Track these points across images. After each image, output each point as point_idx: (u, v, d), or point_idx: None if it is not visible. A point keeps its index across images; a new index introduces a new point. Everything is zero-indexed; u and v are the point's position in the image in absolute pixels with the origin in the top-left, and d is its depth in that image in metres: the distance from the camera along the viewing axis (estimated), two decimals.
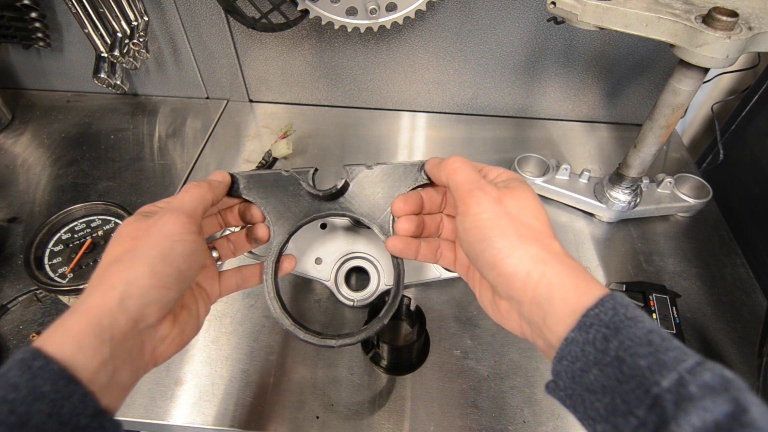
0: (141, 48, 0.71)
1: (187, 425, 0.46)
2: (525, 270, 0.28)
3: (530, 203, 0.31)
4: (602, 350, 0.25)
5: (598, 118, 0.84)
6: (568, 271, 0.28)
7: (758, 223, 0.69)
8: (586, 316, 0.26)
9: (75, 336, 0.26)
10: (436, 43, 0.74)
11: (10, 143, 0.77)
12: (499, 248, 0.29)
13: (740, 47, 0.43)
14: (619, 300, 0.26)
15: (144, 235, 0.30)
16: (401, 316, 0.54)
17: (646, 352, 0.24)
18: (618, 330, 0.25)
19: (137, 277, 0.28)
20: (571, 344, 0.26)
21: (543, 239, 0.30)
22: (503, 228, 0.30)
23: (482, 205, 0.30)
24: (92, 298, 0.28)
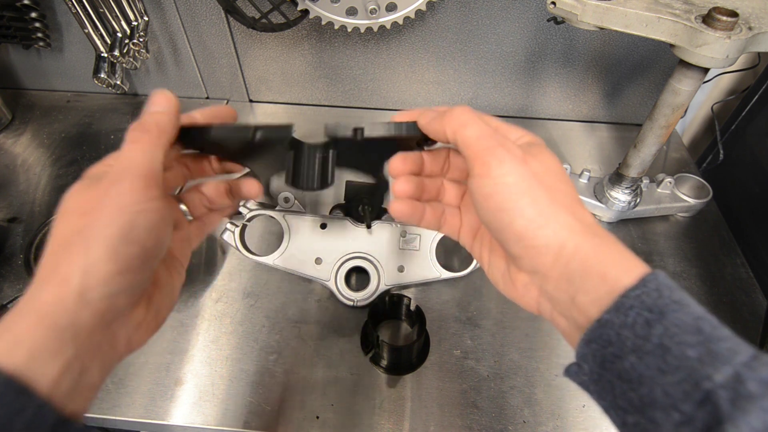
0: (141, 48, 0.71)
1: (187, 425, 0.46)
2: (559, 242, 0.25)
3: (558, 168, 0.27)
4: (643, 336, 0.22)
5: (598, 118, 0.84)
6: (605, 245, 0.25)
7: (758, 223, 0.69)
8: (625, 297, 0.23)
9: (27, 341, 0.22)
10: (436, 43, 0.74)
11: (10, 143, 0.77)
12: (530, 217, 0.25)
13: (740, 47, 0.43)
14: (663, 281, 0.23)
15: (96, 207, 0.25)
16: (401, 316, 0.54)
17: (696, 341, 0.21)
18: (663, 314, 0.22)
19: (95, 263, 0.23)
20: (604, 326, 0.23)
21: (576, 208, 0.26)
22: (534, 193, 0.25)
23: (505, 166, 0.26)
24: (44, 293, 0.23)
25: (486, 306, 0.56)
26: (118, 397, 0.48)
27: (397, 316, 0.54)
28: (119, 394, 0.48)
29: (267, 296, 0.57)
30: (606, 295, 0.23)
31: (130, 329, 0.26)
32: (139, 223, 0.25)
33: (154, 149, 0.28)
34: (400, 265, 0.54)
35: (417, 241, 0.54)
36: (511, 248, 0.27)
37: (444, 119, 0.28)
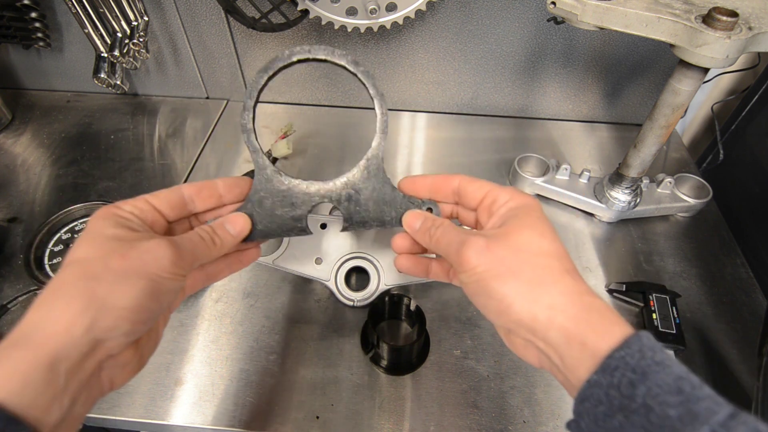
0: (141, 48, 0.71)
1: (187, 425, 0.46)
2: (531, 316, 0.27)
3: (532, 238, 0.29)
4: (628, 396, 0.24)
5: (598, 118, 0.84)
6: (582, 313, 0.26)
7: (758, 223, 0.69)
8: (610, 358, 0.25)
9: (24, 371, 0.22)
10: (436, 43, 0.74)
11: (10, 143, 0.77)
12: (500, 298, 0.28)
13: (740, 47, 0.43)
14: (646, 342, 0.25)
15: (134, 254, 0.27)
16: (401, 316, 0.54)
17: (676, 401, 0.23)
18: (645, 375, 0.24)
19: (118, 307, 0.25)
20: (593, 386, 0.25)
21: (548, 278, 0.28)
22: (501, 276, 0.28)
23: (473, 260, 0.29)
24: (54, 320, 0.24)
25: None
26: (118, 397, 0.48)
27: (397, 316, 0.54)
28: (119, 394, 0.48)
29: (267, 296, 0.57)
30: (590, 358, 0.25)
31: (117, 369, 0.28)
32: (167, 287, 0.28)
33: (202, 255, 0.31)
34: None
35: None
36: (497, 323, 0.30)
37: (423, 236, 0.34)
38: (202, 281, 0.35)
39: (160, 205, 0.32)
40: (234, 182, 0.35)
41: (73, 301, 0.25)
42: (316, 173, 0.74)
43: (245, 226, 0.35)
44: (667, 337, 0.51)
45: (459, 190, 0.35)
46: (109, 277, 0.26)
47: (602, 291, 0.59)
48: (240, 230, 0.34)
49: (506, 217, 0.31)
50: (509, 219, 0.31)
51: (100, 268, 0.26)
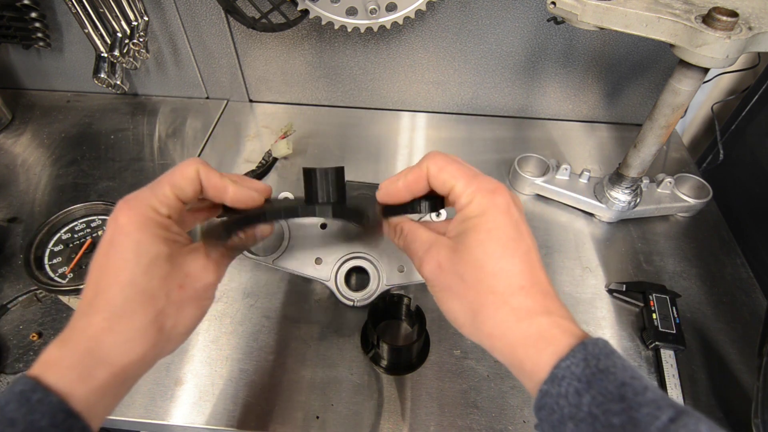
0: (141, 48, 0.71)
1: (187, 425, 0.46)
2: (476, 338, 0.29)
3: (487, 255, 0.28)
4: (575, 404, 0.24)
5: (598, 118, 0.84)
6: (520, 339, 0.27)
7: (758, 223, 0.69)
8: (557, 368, 0.25)
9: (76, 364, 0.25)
10: (436, 43, 0.74)
11: (10, 143, 0.77)
12: (452, 318, 0.30)
13: (740, 47, 0.43)
14: (591, 350, 0.25)
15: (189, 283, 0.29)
16: (401, 316, 0.54)
17: (619, 409, 0.23)
18: (590, 384, 0.24)
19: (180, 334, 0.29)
20: (545, 396, 0.26)
21: (491, 304, 0.28)
22: (451, 296, 0.30)
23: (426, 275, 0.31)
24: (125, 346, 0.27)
25: None
26: None
27: (397, 316, 0.54)
28: None
29: (267, 296, 0.57)
30: (542, 369, 0.26)
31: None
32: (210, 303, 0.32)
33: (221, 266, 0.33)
34: (400, 265, 0.54)
35: None
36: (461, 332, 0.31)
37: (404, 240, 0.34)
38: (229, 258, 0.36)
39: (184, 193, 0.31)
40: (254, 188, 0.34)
41: (146, 337, 0.28)
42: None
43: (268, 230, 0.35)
44: (667, 337, 0.51)
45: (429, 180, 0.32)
46: (172, 310, 0.29)
47: (602, 291, 0.59)
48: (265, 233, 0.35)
49: (465, 225, 0.30)
50: (467, 230, 0.29)
51: (163, 302, 0.28)
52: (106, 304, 0.27)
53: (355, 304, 0.54)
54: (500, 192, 0.29)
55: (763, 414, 0.39)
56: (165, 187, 0.30)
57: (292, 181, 0.71)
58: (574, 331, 0.27)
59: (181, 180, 0.30)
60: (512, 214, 0.29)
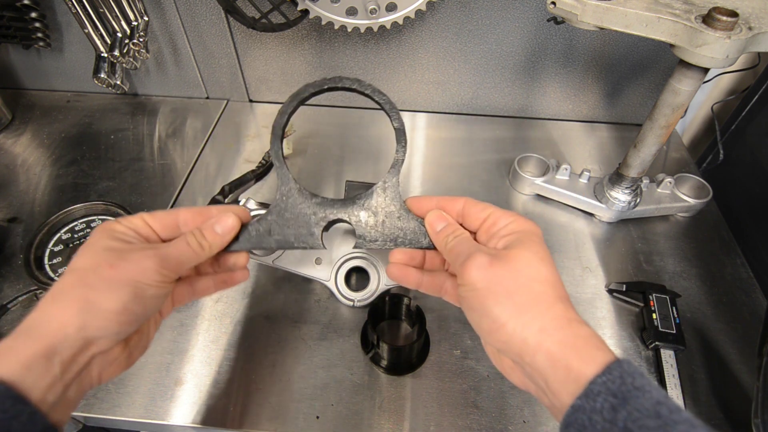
0: (141, 48, 0.71)
1: (187, 425, 0.46)
2: (521, 338, 0.28)
3: (531, 263, 0.30)
4: (610, 420, 0.25)
5: (598, 118, 0.84)
6: (569, 339, 0.28)
7: (758, 223, 0.69)
8: (593, 384, 0.26)
9: (26, 358, 0.26)
10: (436, 43, 0.74)
11: (10, 143, 0.77)
12: (494, 317, 0.29)
13: (740, 47, 0.43)
14: (626, 368, 0.26)
15: (122, 264, 0.30)
16: (401, 316, 0.54)
17: (655, 425, 0.24)
18: (626, 400, 0.25)
19: (106, 310, 0.29)
20: (577, 411, 0.26)
21: (542, 303, 0.29)
22: (497, 296, 0.30)
23: (473, 275, 0.30)
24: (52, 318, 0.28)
25: None
26: (118, 397, 0.48)
27: (397, 316, 0.54)
28: (119, 394, 0.48)
29: (267, 296, 0.57)
30: (574, 383, 0.26)
31: (106, 365, 0.31)
32: (151, 293, 0.31)
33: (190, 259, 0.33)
34: None
35: None
36: (486, 340, 0.32)
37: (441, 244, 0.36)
38: (189, 296, 0.37)
39: (155, 225, 0.34)
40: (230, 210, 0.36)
41: (69, 305, 0.28)
42: (316, 173, 0.74)
43: (234, 226, 0.35)
44: (667, 337, 0.51)
45: (463, 211, 0.36)
46: (100, 285, 0.29)
47: (602, 291, 0.59)
48: (228, 230, 0.35)
49: (509, 240, 0.32)
50: (512, 242, 0.32)
51: (93, 277, 0.29)
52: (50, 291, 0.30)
53: (354, 304, 0.54)
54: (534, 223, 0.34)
55: (763, 414, 0.39)
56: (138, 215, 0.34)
57: None
58: (606, 349, 0.28)
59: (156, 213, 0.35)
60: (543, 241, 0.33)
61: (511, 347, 0.29)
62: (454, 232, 0.35)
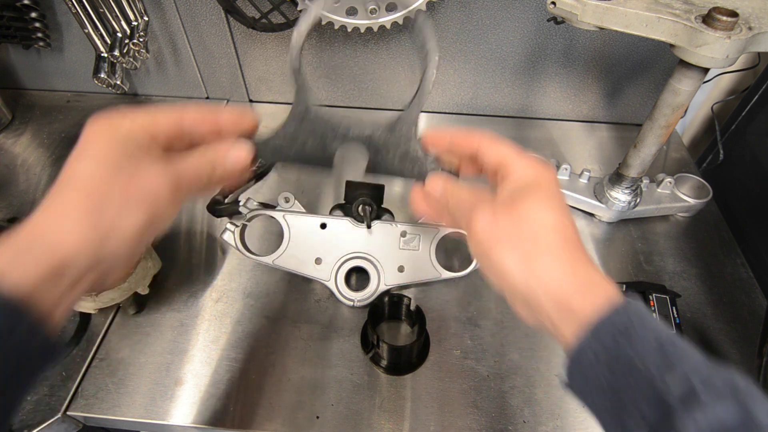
0: (141, 48, 0.71)
1: (187, 425, 0.46)
2: (526, 285, 0.29)
3: (535, 212, 0.31)
4: (614, 354, 0.26)
5: (598, 118, 0.84)
6: (572, 282, 0.29)
7: (758, 223, 0.69)
8: (601, 322, 0.27)
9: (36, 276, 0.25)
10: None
11: (10, 143, 0.77)
12: (500, 267, 0.31)
13: (740, 47, 0.43)
14: (632, 306, 0.27)
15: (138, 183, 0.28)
16: (401, 316, 0.54)
17: (657, 357, 0.25)
18: (630, 335, 0.26)
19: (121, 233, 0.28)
20: (584, 348, 0.27)
21: (545, 250, 0.30)
22: (502, 246, 0.31)
23: (478, 228, 0.32)
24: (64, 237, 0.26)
25: (486, 306, 0.56)
26: (118, 397, 0.48)
27: (397, 316, 0.54)
28: (119, 394, 0.48)
29: (267, 296, 0.57)
30: (577, 325, 0.28)
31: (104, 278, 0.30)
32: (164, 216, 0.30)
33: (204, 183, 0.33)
34: (400, 265, 0.54)
35: (417, 241, 0.54)
36: (494, 285, 0.33)
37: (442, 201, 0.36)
38: None
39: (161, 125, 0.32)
40: (240, 116, 0.36)
41: (83, 221, 0.27)
42: (316, 173, 0.74)
43: (245, 156, 0.36)
44: None
45: (479, 151, 0.36)
46: (116, 200, 0.28)
47: None
48: (240, 159, 0.35)
49: (518, 186, 0.33)
50: (520, 189, 0.32)
51: (104, 192, 0.28)
52: (52, 194, 0.28)
53: (354, 304, 0.54)
54: (550, 167, 0.34)
55: None
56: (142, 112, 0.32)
57: (292, 181, 0.71)
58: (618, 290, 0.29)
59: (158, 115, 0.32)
60: (559, 185, 0.34)
61: (518, 293, 0.30)
62: (453, 189, 0.36)
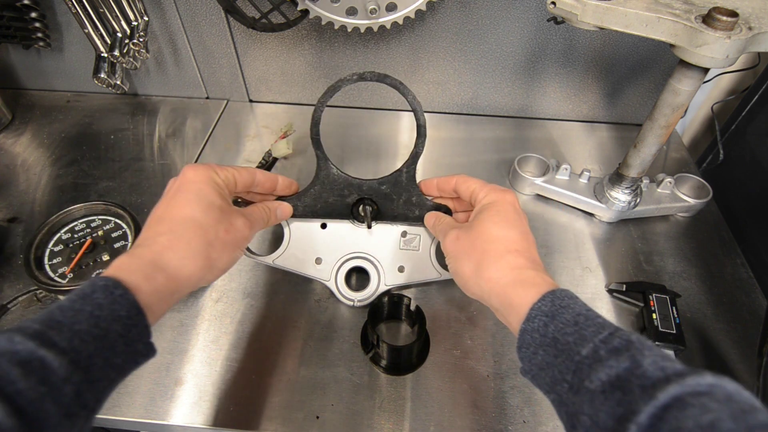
0: (141, 48, 0.71)
1: (187, 425, 0.46)
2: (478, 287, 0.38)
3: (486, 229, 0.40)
4: (543, 334, 0.32)
5: (598, 118, 0.84)
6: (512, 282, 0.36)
7: (758, 223, 0.69)
8: (532, 309, 0.33)
9: (158, 292, 0.33)
10: (436, 43, 0.74)
11: (10, 143, 0.77)
12: (461, 275, 0.40)
13: (740, 47, 0.43)
14: (557, 294, 0.33)
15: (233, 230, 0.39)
16: (401, 316, 0.54)
17: (572, 330, 0.31)
18: (554, 317, 0.32)
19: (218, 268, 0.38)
20: (523, 333, 0.33)
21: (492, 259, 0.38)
22: (462, 259, 0.40)
23: (447, 247, 0.43)
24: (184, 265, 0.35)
25: (486, 306, 0.56)
26: (118, 397, 0.48)
27: (397, 316, 0.54)
28: (119, 394, 0.48)
29: (267, 296, 0.57)
30: (516, 315, 0.34)
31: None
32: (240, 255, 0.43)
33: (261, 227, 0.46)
34: (400, 266, 0.54)
35: (417, 241, 0.54)
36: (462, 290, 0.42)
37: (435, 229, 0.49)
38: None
39: (239, 182, 0.44)
40: (290, 183, 0.51)
41: (198, 259, 0.36)
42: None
43: (289, 212, 0.51)
44: (667, 337, 0.51)
45: (455, 188, 0.48)
46: (218, 246, 0.37)
47: (602, 291, 0.59)
48: (285, 215, 0.51)
49: (478, 212, 0.43)
50: (479, 213, 0.42)
51: (213, 236, 0.37)
52: (169, 230, 0.36)
53: (355, 304, 0.54)
54: (509, 192, 0.44)
55: None
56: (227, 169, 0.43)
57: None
58: (551, 284, 0.35)
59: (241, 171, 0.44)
60: (515, 206, 0.42)
61: (475, 295, 0.40)
62: (438, 220, 0.48)
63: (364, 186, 0.51)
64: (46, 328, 0.28)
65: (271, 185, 0.49)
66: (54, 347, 0.27)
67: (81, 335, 0.28)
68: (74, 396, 0.27)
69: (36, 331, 0.27)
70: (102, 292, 0.30)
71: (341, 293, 0.54)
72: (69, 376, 0.27)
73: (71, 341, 0.28)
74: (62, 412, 0.26)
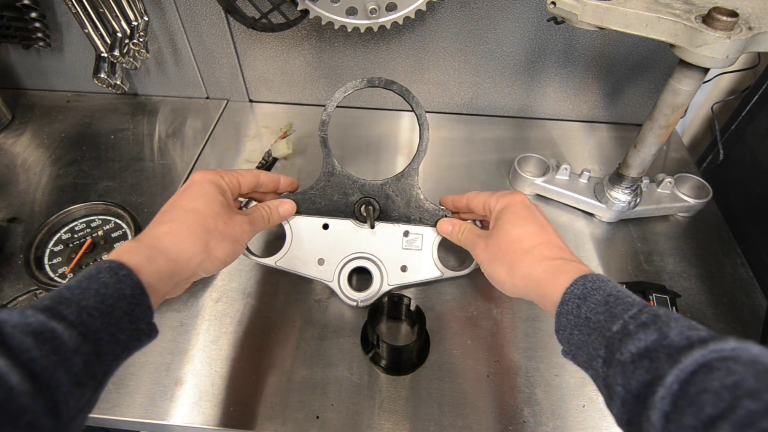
0: (141, 48, 0.71)
1: (187, 425, 0.46)
2: (514, 287, 0.42)
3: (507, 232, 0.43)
4: (576, 315, 0.35)
5: (598, 118, 0.84)
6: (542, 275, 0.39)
7: (758, 223, 0.69)
8: (564, 294, 0.36)
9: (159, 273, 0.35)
10: (436, 43, 0.74)
11: (10, 143, 0.77)
12: (497, 279, 0.44)
13: (740, 47, 0.43)
14: (589, 278, 0.36)
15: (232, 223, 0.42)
16: (401, 316, 0.54)
17: (603, 309, 0.33)
18: (585, 298, 0.35)
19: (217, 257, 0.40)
20: (559, 317, 0.36)
21: (518, 258, 0.41)
22: (494, 264, 0.44)
23: (479, 256, 0.46)
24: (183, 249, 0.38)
25: (486, 306, 0.56)
26: (118, 397, 0.48)
27: (397, 316, 0.54)
28: (119, 394, 0.48)
29: (267, 296, 0.57)
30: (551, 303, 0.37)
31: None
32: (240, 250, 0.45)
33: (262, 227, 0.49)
34: (402, 265, 0.54)
35: (419, 240, 0.54)
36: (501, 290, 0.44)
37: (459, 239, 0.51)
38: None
39: (243, 184, 0.47)
40: (291, 182, 0.54)
41: (197, 244, 0.38)
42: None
43: (292, 209, 0.52)
44: None
45: (468, 204, 0.51)
46: (217, 235, 0.40)
47: None
48: (288, 213, 0.52)
49: (495, 219, 0.46)
50: (497, 220, 0.46)
51: (212, 226, 0.40)
52: (171, 219, 0.39)
53: (358, 304, 0.54)
54: (517, 192, 0.47)
55: None
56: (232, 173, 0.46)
57: None
58: (580, 269, 0.37)
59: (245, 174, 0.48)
60: (526, 203, 0.46)
61: (515, 293, 0.42)
62: (460, 229, 0.50)
63: (367, 186, 0.53)
64: (56, 303, 0.29)
65: (273, 185, 0.52)
66: (64, 320, 0.29)
67: (88, 310, 0.30)
68: (83, 366, 0.29)
69: (46, 306, 0.29)
70: (107, 273, 0.32)
71: (344, 294, 0.54)
72: (78, 347, 0.28)
73: (79, 315, 0.29)
74: (73, 381, 0.28)
